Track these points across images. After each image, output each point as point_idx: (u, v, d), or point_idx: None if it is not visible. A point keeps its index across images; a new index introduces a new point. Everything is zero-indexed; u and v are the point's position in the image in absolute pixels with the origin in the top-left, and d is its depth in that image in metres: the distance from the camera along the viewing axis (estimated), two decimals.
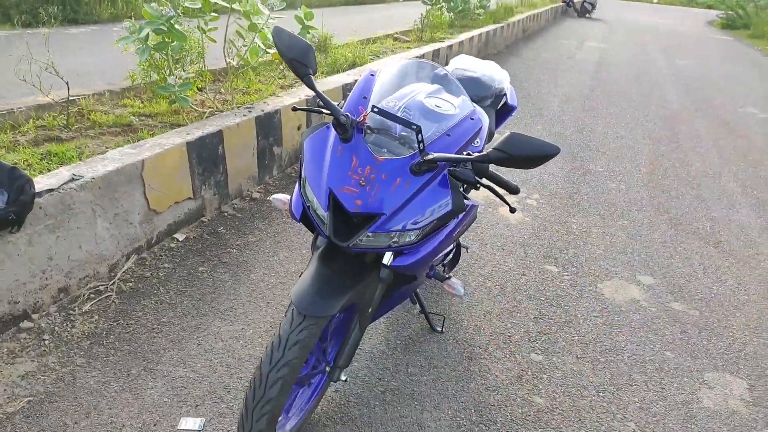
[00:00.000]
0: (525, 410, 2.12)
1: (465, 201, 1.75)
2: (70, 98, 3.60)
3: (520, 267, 3.11)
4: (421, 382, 2.20)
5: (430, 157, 1.47)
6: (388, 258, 1.59)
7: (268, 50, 3.83)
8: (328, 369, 1.78)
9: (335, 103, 1.62)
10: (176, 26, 3.16)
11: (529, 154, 1.37)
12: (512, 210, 1.78)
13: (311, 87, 1.54)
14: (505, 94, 2.67)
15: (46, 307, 2.34)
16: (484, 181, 1.71)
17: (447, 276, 2.00)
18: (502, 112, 2.72)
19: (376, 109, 1.53)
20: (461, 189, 1.81)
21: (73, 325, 2.29)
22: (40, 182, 2.36)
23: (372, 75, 1.74)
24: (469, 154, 1.52)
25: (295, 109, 1.70)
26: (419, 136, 1.48)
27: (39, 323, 2.26)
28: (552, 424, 2.07)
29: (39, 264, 2.28)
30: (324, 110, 1.63)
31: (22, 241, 2.19)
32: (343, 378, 1.77)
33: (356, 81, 5.19)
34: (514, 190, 1.68)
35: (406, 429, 1.98)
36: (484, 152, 1.43)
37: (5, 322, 2.19)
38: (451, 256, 2.20)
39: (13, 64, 3.12)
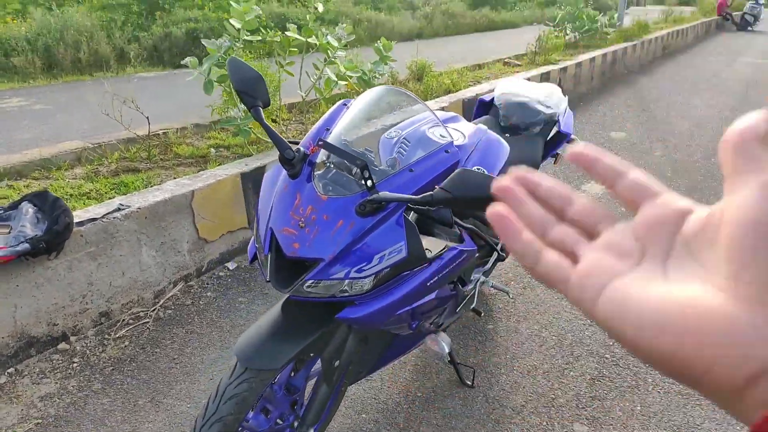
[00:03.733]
0: None
1: (454, 244, 1.50)
2: (160, 132, 3.88)
3: None
4: None
5: (374, 196, 1.28)
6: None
7: (339, 82, 3.83)
8: (296, 425, 1.61)
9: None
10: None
11: (478, 195, 1.11)
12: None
13: (258, 119, 1.42)
14: (557, 121, 2.34)
15: (85, 330, 2.46)
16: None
17: (433, 329, 1.73)
18: (554, 141, 2.39)
19: (321, 143, 1.37)
20: (456, 228, 1.57)
21: (104, 350, 2.37)
22: (89, 211, 2.51)
23: (345, 104, 1.59)
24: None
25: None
26: (365, 172, 1.29)
27: (75, 346, 2.37)
28: None
29: (79, 289, 2.40)
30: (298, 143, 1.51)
31: (62, 267, 2.33)
32: None
33: (443, 108, 5.01)
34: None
35: None
36: (429, 192, 1.20)
37: (44, 343, 2.33)
38: (449, 305, 1.87)
39: (114, 104, 3.44)
